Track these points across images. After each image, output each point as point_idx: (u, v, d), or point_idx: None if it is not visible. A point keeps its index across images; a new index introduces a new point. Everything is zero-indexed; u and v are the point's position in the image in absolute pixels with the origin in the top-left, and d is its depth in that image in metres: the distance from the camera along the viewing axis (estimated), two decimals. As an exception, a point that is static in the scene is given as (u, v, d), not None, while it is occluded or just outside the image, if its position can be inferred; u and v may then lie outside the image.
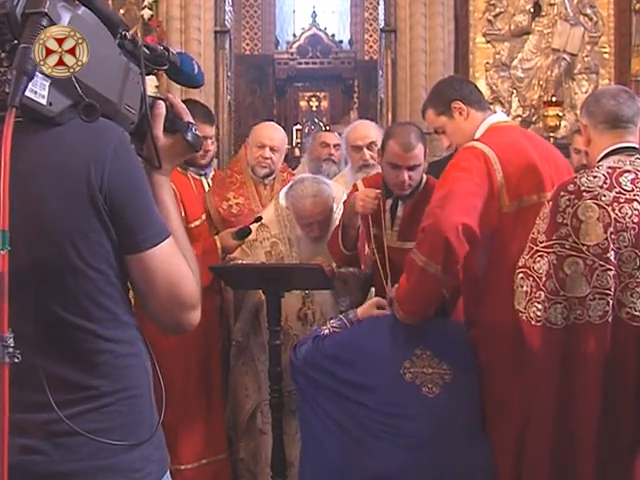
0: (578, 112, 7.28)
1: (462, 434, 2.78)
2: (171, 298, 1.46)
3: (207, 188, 4.03)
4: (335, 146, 4.83)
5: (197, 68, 1.71)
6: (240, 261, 3.69)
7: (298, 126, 13.44)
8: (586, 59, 7.25)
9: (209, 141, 3.86)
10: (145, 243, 1.43)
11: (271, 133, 4.09)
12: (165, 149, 1.58)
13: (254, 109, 13.26)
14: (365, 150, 4.13)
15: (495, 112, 3.08)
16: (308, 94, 14.52)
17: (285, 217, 3.75)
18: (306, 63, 14.28)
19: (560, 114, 6.82)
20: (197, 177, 3.98)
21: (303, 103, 14.51)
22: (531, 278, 2.58)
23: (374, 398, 2.81)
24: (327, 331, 3.04)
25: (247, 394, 3.87)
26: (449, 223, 2.58)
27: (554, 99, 6.93)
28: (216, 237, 3.71)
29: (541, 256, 2.57)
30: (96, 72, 1.38)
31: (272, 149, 4.01)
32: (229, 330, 3.99)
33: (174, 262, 1.46)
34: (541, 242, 2.58)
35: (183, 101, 4.25)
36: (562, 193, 2.57)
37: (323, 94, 14.51)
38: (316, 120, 13.98)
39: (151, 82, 6.53)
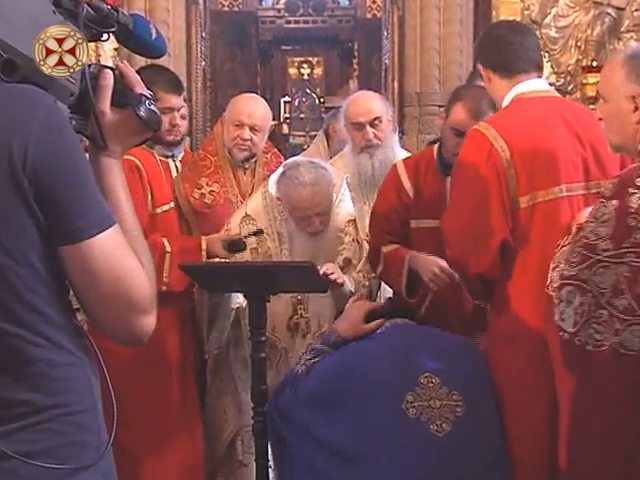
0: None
1: (479, 474, 2.80)
2: (117, 298, 1.47)
3: (175, 172, 4.04)
4: None
5: (156, 33, 1.72)
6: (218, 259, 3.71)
7: (287, 98, 13.47)
8: (635, 14, 7.25)
9: (176, 114, 3.85)
10: (81, 232, 1.43)
11: (251, 109, 4.08)
12: (112, 127, 1.59)
13: (234, 77, 13.28)
14: (368, 128, 4.13)
15: (532, 78, 3.03)
16: (298, 59, 14.55)
17: (275, 208, 3.76)
18: (296, 22, 14.30)
19: (602, 82, 6.81)
20: (163, 159, 3.98)
21: (292, 70, 14.54)
22: (590, 294, 2.48)
23: (366, 464, 2.80)
24: (303, 368, 2.99)
25: (226, 418, 3.89)
26: (477, 262, 2.81)
27: (595, 64, 6.94)
28: (203, 238, 3.73)
29: (605, 267, 2.46)
30: (21, 30, 1.41)
31: (252, 128, 4.01)
32: (202, 340, 4.00)
33: (119, 255, 1.47)
34: (605, 250, 2.47)
35: (144, 67, 4.23)
36: (631, 190, 2.45)
37: (316, 59, 14.54)
38: (308, 91, 14.02)
39: (110, 45, 6.54)
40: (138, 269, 1.50)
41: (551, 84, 7.08)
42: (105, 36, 1.61)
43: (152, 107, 1.64)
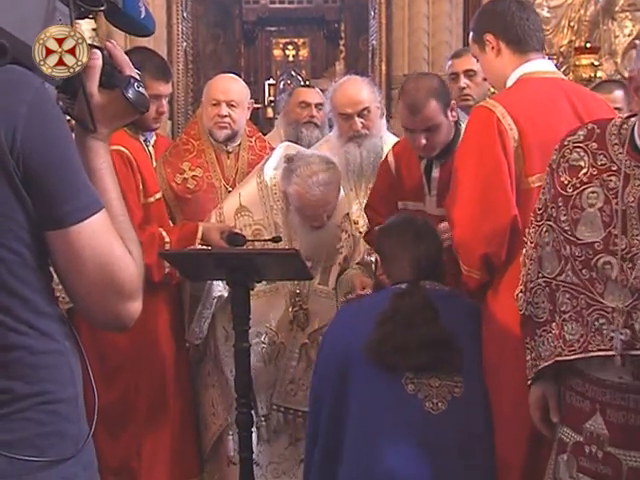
0: (619, 60, 7.31)
1: (458, 454, 2.84)
2: (104, 283, 1.49)
3: (149, 156, 4.03)
4: (317, 105, 4.86)
5: (145, 12, 1.73)
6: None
7: (271, 80, 13.42)
8: (631, -8, 7.26)
9: (164, 101, 3.87)
10: (69, 217, 1.45)
11: (225, 85, 4.11)
12: (100, 109, 1.60)
13: (216, 59, 13.23)
14: (356, 118, 4.13)
15: (539, 58, 3.04)
16: (283, 41, 14.50)
17: (270, 197, 3.79)
18: (281, 2, 14.22)
19: (596, 63, 6.81)
20: None
21: (277, 52, 14.49)
22: None
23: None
24: None
25: (214, 412, 3.89)
26: (487, 240, 2.83)
27: (588, 45, 6.93)
28: (199, 225, 3.75)
29: None
30: (7, 9, 1.41)
31: (229, 104, 4.02)
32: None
33: (106, 241, 1.49)
34: None
35: (132, 50, 4.23)
36: None
37: (302, 41, 14.49)
38: (293, 73, 13.95)
39: (88, 25, 6.51)
40: (125, 254, 1.52)
41: (543, 65, 7.14)
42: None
43: (140, 89, 1.65)
